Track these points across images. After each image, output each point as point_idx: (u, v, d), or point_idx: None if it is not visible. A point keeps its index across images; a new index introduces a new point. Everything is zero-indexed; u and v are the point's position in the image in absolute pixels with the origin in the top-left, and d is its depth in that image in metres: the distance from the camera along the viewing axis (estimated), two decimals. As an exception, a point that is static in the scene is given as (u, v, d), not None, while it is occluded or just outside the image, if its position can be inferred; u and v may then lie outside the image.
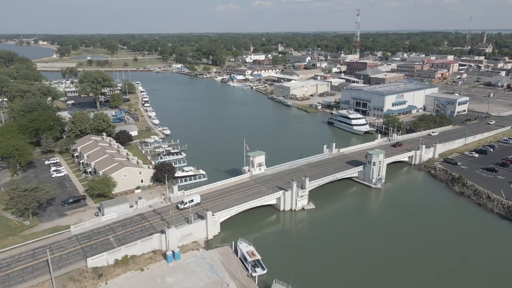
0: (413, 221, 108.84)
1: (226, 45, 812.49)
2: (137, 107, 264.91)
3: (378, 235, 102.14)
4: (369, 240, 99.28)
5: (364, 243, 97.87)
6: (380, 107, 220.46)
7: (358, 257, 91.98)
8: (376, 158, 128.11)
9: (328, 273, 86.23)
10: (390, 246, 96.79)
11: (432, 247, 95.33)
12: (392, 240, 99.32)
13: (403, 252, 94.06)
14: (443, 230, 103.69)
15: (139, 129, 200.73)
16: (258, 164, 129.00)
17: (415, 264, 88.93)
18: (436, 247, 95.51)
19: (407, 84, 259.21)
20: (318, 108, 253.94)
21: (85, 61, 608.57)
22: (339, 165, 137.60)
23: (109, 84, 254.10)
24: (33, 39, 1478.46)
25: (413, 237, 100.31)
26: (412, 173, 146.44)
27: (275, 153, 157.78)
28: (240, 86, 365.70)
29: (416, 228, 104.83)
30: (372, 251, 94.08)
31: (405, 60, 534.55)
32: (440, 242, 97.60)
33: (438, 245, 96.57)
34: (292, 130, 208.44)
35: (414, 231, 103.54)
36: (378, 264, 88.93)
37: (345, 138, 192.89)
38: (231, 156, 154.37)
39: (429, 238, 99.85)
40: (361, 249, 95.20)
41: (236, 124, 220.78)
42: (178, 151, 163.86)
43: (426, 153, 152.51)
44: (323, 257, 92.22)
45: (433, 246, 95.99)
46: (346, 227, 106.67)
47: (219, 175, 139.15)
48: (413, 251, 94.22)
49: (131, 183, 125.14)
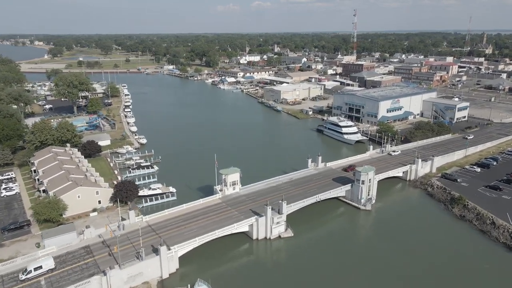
0: (406, 253, 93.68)
1: (221, 46, 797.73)
2: (117, 112, 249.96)
3: (365, 267, 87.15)
4: (355, 275, 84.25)
5: (350, 280, 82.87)
6: (374, 113, 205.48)
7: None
8: (366, 176, 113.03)
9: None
10: (379, 282, 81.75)
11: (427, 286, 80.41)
12: (382, 274, 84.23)
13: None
14: (441, 265, 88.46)
15: (113, 138, 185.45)
16: (231, 183, 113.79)
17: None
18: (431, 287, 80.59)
19: (403, 88, 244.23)
20: (309, 114, 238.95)
21: (75, 62, 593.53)
22: (324, 183, 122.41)
23: (86, 88, 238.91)
24: (29, 40, 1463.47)
25: (406, 273, 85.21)
26: (406, 191, 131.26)
27: (254, 168, 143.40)
28: (230, 89, 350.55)
29: (410, 263, 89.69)
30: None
31: (403, 62, 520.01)
32: (437, 281, 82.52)
33: (435, 284, 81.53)
34: (278, 139, 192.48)
35: (408, 265, 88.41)
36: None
37: (334, 148, 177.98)
38: (206, 171, 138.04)
39: (424, 274, 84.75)
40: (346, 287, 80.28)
41: (218, 132, 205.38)
42: (150, 164, 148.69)
43: (423, 167, 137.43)
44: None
45: (428, 286, 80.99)
46: (329, 260, 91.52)
47: (190, 194, 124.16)
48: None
49: (86, 205, 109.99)
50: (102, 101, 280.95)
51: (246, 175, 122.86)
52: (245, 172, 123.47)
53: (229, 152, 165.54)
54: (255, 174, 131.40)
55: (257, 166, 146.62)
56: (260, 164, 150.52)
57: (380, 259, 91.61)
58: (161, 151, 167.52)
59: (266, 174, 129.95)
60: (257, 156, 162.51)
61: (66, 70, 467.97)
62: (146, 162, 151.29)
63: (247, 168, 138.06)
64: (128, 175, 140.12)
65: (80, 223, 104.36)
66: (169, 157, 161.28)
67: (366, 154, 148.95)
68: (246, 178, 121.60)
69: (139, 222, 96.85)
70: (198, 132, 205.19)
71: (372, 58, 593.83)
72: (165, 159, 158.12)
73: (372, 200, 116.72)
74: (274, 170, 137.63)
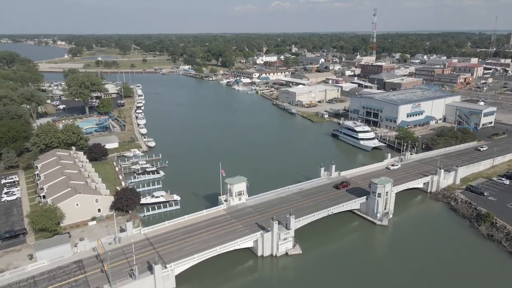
0: (425, 275, 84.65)
1: (239, 46, 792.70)
2: (129, 113, 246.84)
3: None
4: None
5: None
6: (393, 118, 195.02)
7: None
8: (382, 188, 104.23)
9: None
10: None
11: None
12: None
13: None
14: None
15: (121, 140, 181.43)
16: (237, 193, 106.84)
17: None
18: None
19: (425, 92, 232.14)
20: (325, 117, 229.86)
21: (93, 61, 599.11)
22: (337, 194, 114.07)
23: (98, 88, 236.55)
24: (52, 39, 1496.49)
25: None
26: (427, 204, 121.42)
27: (263, 175, 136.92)
28: (245, 90, 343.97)
29: (430, 287, 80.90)
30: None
31: (424, 63, 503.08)
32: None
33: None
34: (290, 145, 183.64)
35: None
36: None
37: (349, 154, 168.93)
38: (213, 177, 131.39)
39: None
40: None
41: (229, 136, 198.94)
42: (156, 169, 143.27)
43: (445, 178, 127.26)
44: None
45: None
46: (340, 281, 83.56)
47: (195, 202, 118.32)
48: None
49: (85, 213, 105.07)
50: (115, 101, 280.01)
51: (254, 183, 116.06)
52: (253, 180, 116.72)
53: (237, 157, 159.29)
54: (263, 183, 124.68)
55: (266, 174, 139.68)
56: (270, 172, 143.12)
57: (396, 280, 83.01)
58: (169, 154, 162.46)
59: (275, 183, 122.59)
60: (267, 163, 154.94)
61: (84, 70, 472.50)
62: (152, 167, 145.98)
63: (256, 176, 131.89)
64: (132, 180, 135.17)
65: (78, 233, 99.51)
66: (177, 162, 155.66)
67: (383, 163, 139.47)
68: (254, 187, 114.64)
69: (137, 234, 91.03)
70: (208, 135, 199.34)
71: (392, 59, 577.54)
72: (172, 164, 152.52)
73: (389, 214, 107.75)
74: (284, 179, 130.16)
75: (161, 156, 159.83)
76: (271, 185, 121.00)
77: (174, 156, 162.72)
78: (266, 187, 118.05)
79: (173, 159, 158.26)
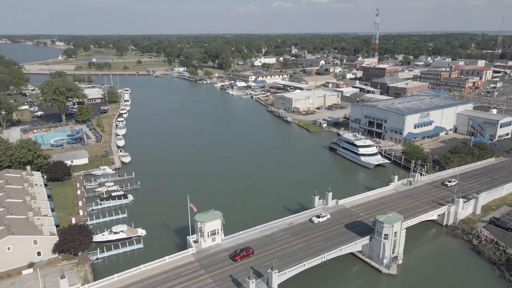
0: None
1: (238, 47, 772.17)
2: (111, 120, 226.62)
3: None
4: None
5: None
6: (399, 129, 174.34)
7: None
8: (390, 229, 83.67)
9: None
10: None
11: None
12: None
13: None
14: None
15: (94, 155, 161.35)
16: (210, 233, 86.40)
17: None
18: None
19: (433, 99, 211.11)
20: (323, 126, 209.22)
21: (86, 63, 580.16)
22: (334, 231, 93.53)
23: (75, 94, 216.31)
24: (51, 40, 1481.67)
25: None
26: (443, 243, 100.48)
27: (244, 205, 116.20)
28: (239, 95, 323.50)
29: None
30: None
31: (429, 65, 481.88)
32: None
33: None
34: (281, 161, 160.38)
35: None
36: None
37: (349, 174, 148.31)
38: (194, 202, 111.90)
39: None
40: None
41: (214, 148, 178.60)
42: (124, 194, 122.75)
43: (464, 207, 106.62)
44: None
45: None
46: None
47: (163, 239, 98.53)
48: None
49: (20, 258, 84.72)
50: (98, 107, 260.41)
51: (233, 215, 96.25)
52: (232, 211, 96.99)
53: (217, 178, 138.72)
54: (245, 215, 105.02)
55: (249, 202, 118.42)
56: (254, 199, 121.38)
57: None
58: (144, 173, 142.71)
59: (259, 215, 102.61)
60: (251, 186, 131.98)
61: (74, 72, 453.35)
62: (120, 190, 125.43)
63: (236, 205, 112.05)
64: (94, 208, 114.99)
65: (7, 286, 79.26)
66: (151, 182, 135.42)
67: (389, 187, 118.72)
68: (233, 220, 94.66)
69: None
70: (191, 147, 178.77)
71: (395, 61, 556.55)
72: (145, 185, 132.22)
73: (398, 259, 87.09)
74: (270, 209, 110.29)
75: (134, 175, 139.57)
76: (254, 217, 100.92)
77: (149, 175, 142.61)
78: (248, 221, 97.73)
79: (148, 178, 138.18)
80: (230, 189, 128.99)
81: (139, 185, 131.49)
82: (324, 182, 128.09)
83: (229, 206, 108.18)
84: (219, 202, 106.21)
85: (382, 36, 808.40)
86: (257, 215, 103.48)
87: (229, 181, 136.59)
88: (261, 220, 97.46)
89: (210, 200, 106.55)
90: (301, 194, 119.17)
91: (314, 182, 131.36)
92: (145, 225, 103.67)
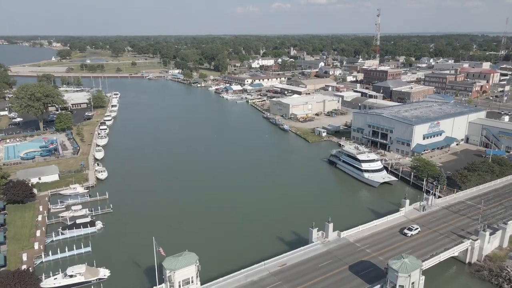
0: None
1: (236, 48, 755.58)
2: (94, 128, 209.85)
3: None
4: None
5: None
6: (407, 140, 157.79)
7: None
8: (406, 279, 67.02)
9: None
10: None
11: None
12: None
13: None
14: None
15: (67, 170, 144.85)
16: (182, 283, 69.67)
17: None
18: None
19: (442, 106, 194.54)
20: (322, 135, 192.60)
21: (78, 65, 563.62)
22: (337, 275, 76.85)
23: (53, 100, 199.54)
24: (48, 41, 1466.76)
25: None
26: (466, 285, 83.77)
27: (227, 240, 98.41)
28: (234, 99, 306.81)
29: None
30: None
31: (432, 67, 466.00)
32: None
33: None
34: (274, 179, 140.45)
35: None
36: None
37: (351, 194, 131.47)
38: (167, 237, 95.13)
39: None
40: None
41: (200, 162, 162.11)
42: (92, 220, 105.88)
43: (490, 241, 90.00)
44: None
45: None
46: None
47: (129, 284, 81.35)
48: None
49: None
50: (83, 113, 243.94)
51: (213, 255, 79.52)
52: (211, 250, 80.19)
53: (198, 203, 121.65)
54: (227, 253, 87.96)
55: (233, 237, 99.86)
56: (239, 232, 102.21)
57: None
58: (120, 192, 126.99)
59: (245, 254, 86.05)
60: (236, 215, 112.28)
61: (64, 74, 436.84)
62: (87, 216, 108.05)
63: (217, 242, 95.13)
64: (54, 238, 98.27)
65: None
66: (126, 204, 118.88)
67: (399, 214, 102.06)
68: (213, 261, 78.06)
69: None
70: (175, 161, 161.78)
71: (396, 63, 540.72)
72: (119, 209, 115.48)
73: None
74: (258, 245, 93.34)
75: (108, 196, 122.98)
76: (238, 256, 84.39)
77: (126, 195, 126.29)
78: (231, 261, 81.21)
79: (124, 200, 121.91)
80: (211, 218, 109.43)
81: (111, 208, 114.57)
82: (323, 205, 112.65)
83: (209, 241, 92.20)
84: (197, 235, 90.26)
85: (381, 37, 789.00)
86: (243, 253, 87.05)
87: (212, 207, 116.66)
88: (247, 259, 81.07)
89: (186, 234, 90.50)
90: (296, 224, 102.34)
91: (312, 205, 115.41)
92: (111, 262, 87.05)
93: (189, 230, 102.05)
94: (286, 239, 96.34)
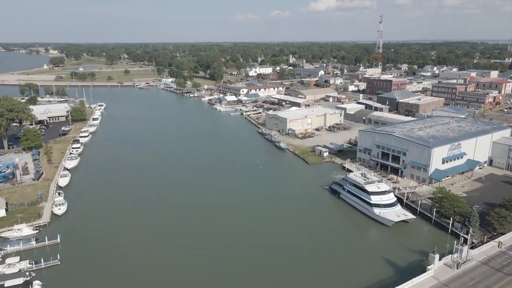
0: None
1: (234, 56, 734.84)
2: (67, 147, 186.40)
3: None
4: None
5: None
6: (423, 165, 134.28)
7: None
8: None
9: None
10: None
11: None
12: None
13: None
14: None
15: (20, 202, 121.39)
16: None
17: None
18: None
19: (461, 122, 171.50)
20: (324, 155, 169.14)
21: (69, 73, 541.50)
22: None
23: (17, 116, 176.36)
24: (44, 48, 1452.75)
25: None
26: None
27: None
28: (227, 111, 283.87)
29: None
30: None
31: (437, 76, 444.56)
32: None
33: None
34: (264, 221, 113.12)
35: None
36: None
37: (358, 233, 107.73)
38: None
39: None
40: None
41: (180, 192, 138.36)
42: (26, 280, 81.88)
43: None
44: None
45: None
46: None
47: None
48: None
49: None
50: (59, 128, 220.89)
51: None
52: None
53: (168, 257, 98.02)
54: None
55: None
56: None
57: None
58: (78, 233, 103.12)
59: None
60: (216, 273, 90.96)
61: (54, 83, 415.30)
62: (24, 274, 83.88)
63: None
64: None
65: None
66: (82, 253, 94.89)
67: (427, 275, 78.20)
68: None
69: None
70: (149, 190, 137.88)
71: (399, 71, 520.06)
72: (70, 260, 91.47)
73: None
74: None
75: (59, 240, 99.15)
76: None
77: (85, 238, 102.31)
78: None
79: (81, 246, 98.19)
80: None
81: (58, 260, 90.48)
82: (324, 257, 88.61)
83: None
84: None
85: (382, 45, 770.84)
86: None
87: (183, 266, 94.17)
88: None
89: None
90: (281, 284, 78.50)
91: (304, 256, 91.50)
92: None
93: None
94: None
